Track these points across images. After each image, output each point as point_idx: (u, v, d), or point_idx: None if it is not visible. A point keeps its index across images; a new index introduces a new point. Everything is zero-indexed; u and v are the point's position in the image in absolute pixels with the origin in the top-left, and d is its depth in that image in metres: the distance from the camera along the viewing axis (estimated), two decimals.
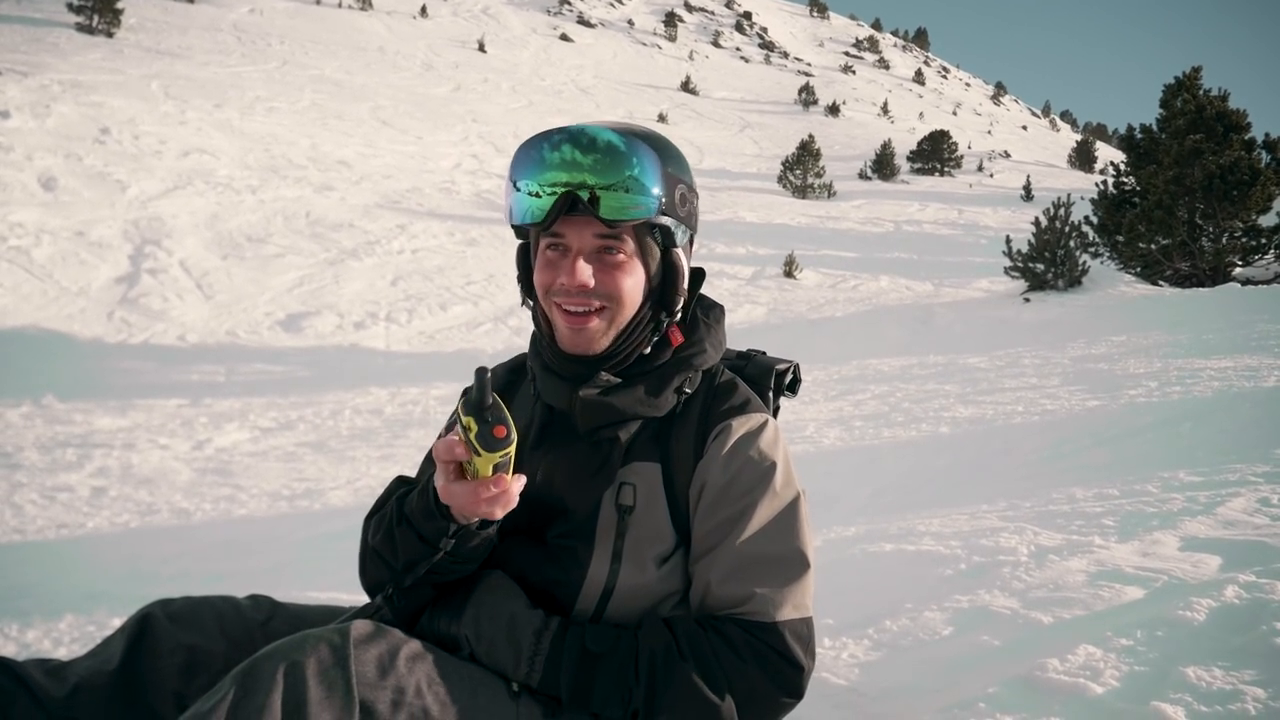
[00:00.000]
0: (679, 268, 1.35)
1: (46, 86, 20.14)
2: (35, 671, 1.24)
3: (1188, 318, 9.66)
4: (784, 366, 1.52)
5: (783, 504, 1.29)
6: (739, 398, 1.37)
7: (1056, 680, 1.79)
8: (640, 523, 1.29)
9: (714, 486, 1.29)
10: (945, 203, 27.20)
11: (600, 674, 1.18)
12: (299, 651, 1.03)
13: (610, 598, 1.27)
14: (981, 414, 5.91)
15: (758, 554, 1.25)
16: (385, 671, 1.07)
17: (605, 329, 1.30)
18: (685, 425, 1.34)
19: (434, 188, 19.93)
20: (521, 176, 1.27)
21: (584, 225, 1.27)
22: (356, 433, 7.15)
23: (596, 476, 1.29)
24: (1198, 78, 16.00)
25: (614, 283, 1.29)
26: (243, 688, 1.00)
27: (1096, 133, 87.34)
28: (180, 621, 1.30)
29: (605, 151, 1.24)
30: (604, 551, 1.27)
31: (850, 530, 3.41)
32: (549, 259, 1.30)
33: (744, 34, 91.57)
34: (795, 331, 11.89)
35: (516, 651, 1.19)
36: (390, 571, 1.26)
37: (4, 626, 2.98)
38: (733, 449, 1.30)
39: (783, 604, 1.23)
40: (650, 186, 1.26)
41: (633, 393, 1.31)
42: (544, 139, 1.27)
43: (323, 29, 48.29)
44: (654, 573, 1.29)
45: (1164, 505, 3.06)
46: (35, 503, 4.92)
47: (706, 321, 1.41)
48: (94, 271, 11.79)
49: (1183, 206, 13.71)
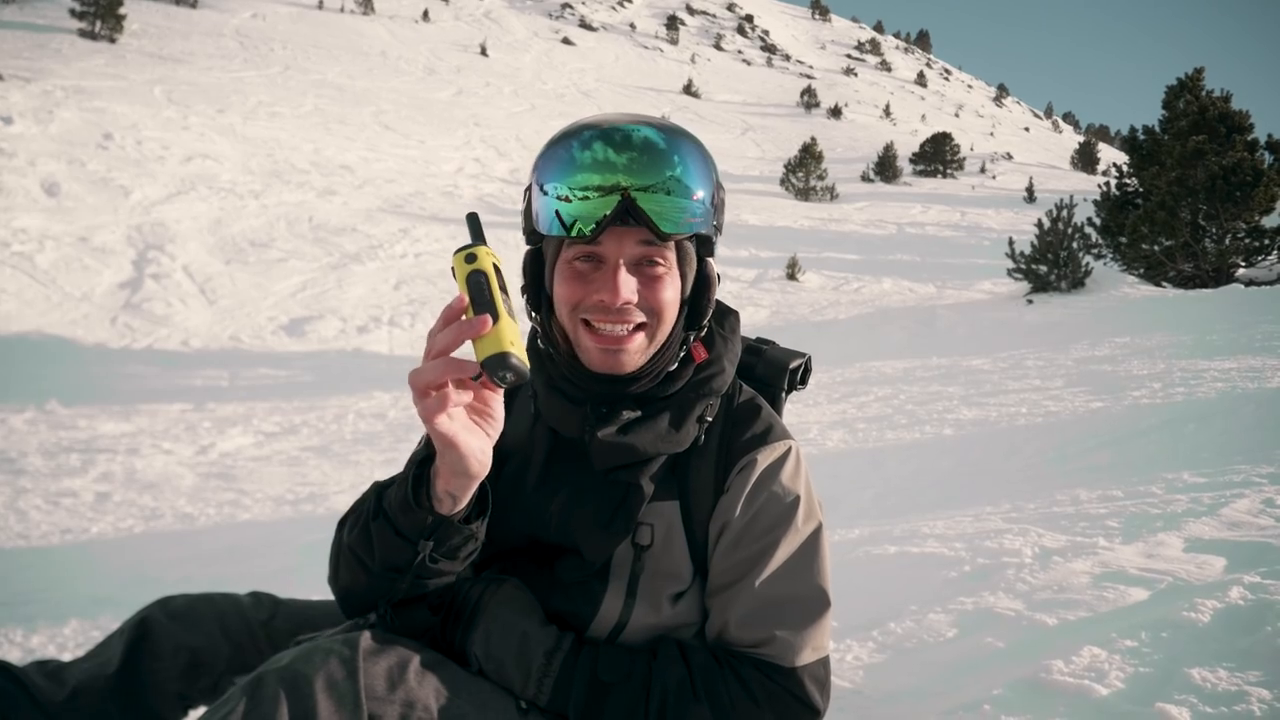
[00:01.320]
0: (712, 279, 1.26)
1: (49, 92, 20.20)
2: (35, 674, 1.23)
3: (1191, 319, 9.64)
4: (796, 364, 1.45)
5: (803, 539, 1.24)
6: (760, 425, 1.29)
7: (1061, 682, 1.78)
8: (657, 560, 1.24)
9: (736, 524, 1.23)
10: (948, 205, 27.21)
11: (610, 705, 1.15)
12: (308, 664, 1.02)
13: (622, 631, 1.24)
14: (985, 416, 5.91)
15: (778, 595, 1.21)
16: (394, 684, 1.06)
17: (644, 347, 1.20)
18: (704, 457, 1.26)
19: (436, 191, 19.96)
20: (551, 179, 1.15)
21: (625, 234, 1.15)
22: (360, 437, 7.15)
23: (613, 524, 1.21)
24: (1200, 79, 16.00)
25: (657, 297, 1.18)
26: (252, 700, 0.99)
27: (1099, 134, 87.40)
28: (181, 621, 1.29)
29: (643, 148, 1.13)
30: (618, 589, 1.23)
31: (854, 533, 3.41)
32: (578, 271, 1.18)
33: (746, 37, 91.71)
34: (798, 334, 11.88)
35: (525, 671, 1.16)
36: (366, 574, 1.14)
37: (9, 632, 2.99)
38: (756, 484, 1.24)
39: (802, 648, 1.19)
40: (694, 189, 1.16)
41: (654, 428, 1.22)
42: (574, 136, 1.16)
43: (325, 34, 48.41)
44: (668, 610, 1.25)
45: (1168, 507, 3.06)
46: (39, 508, 4.92)
47: (722, 333, 1.32)
48: (97, 277, 11.82)
49: (1186, 208, 13.70)
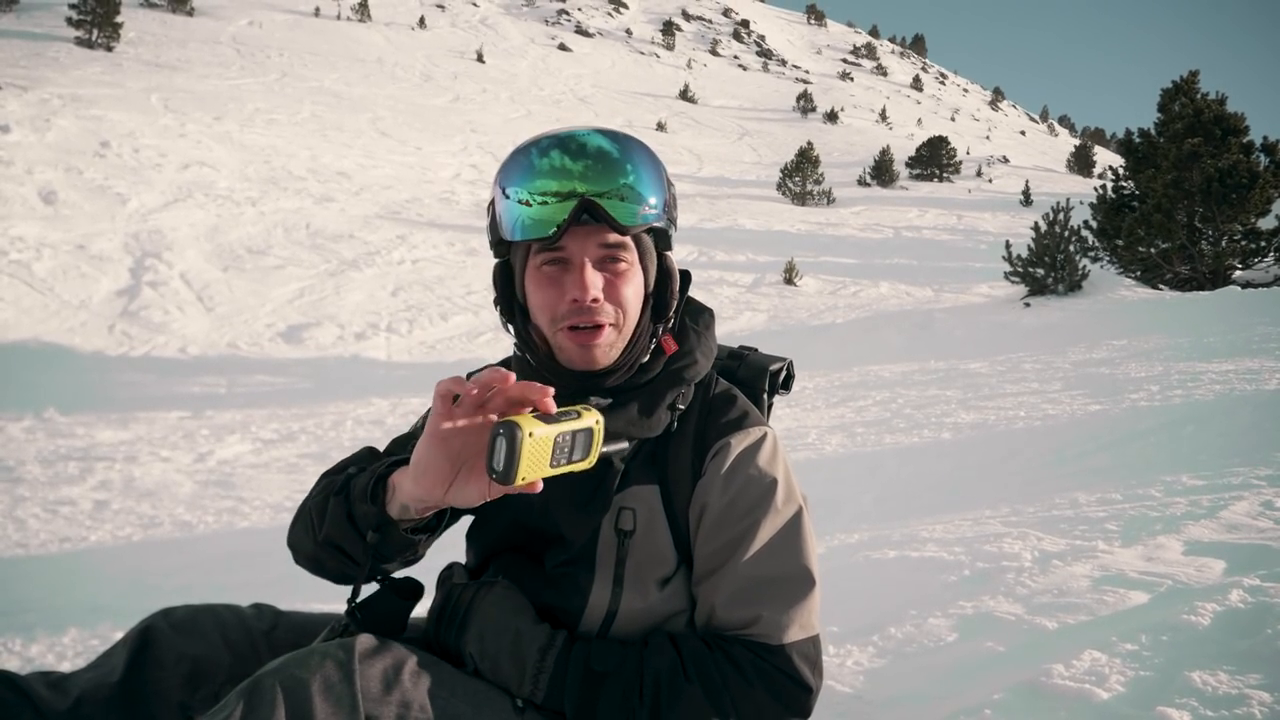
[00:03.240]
0: (672, 272, 1.32)
1: (46, 100, 20.20)
2: (38, 684, 1.23)
3: (1188, 321, 9.65)
4: (777, 366, 1.48)
5: (784, 520, 1.26)
6: (736, 411, 1.33)
7: (1062, 686, 1.78)
8: (641, 547, 1.26)
9: (715, 507, 1.26)
10: (944, 208, 27.26)
11: (605, 694, 1.17)
12: (304, 667, 1.03)
13: (613, 621, 1.26)
14: (983, 419, 5.91)
15: (762, 575, 1.23)
16: (390, 686, 1.07)
17: (614, 340, 1.25)
18: (681, 444, 1.30)
19: (433, 198, 19.98)
20: (513, 184, 1.21)
21: (587, 234, 1.21)
22: (358, 443, 7.10)
23: (592, 504, 1.25)
24: (1195, 81, 16.04)
25: (620, 293, 1.23)
26: (248, 704, 0.99)
27: (1095, 137, 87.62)
28: (183, 630, 1.29)
29: (597, 157, 1.20)
30: (605, 577, 1.25)
31: (853, 537, 3.41)
32: (549, 275, 1.23)
33: (742, 42, 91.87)
34: (796, 338, 11.89)
35: (520, 668, 1.18)
36: (311, 541, 1.24)
37: (8, 641, 2.98)
38: (732, 467, 1.27)
39: (789, 625, 1.21)
40: (647, 192, 1.22)
41: (625, 414, 1.25)
42: (533, 144, 1.22)
43: (321, 41, 48.46)
44: (656, 595, 1.27)
45: (1167, 509, 3.06)
46: (38, 516, 4.91)
47: (695, 329, 1.36)
48: (95, 285, 11.81)
49: (1182, 210, 13.73)
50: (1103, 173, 39.81)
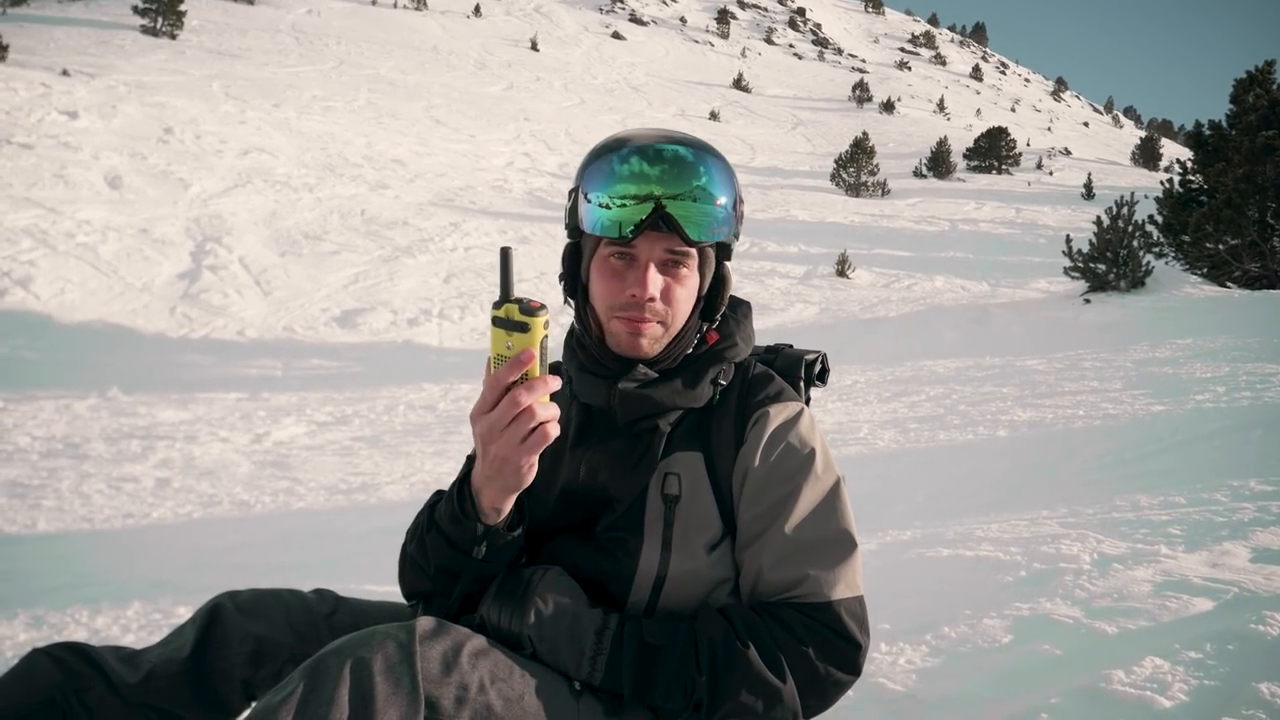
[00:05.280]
0: (727, 280, 1.39)
1: (113, 87, 20.74)
2: (110, 658, 1.28)
3: (1257, 320, 9.35)
4: (812, 357, 1.54)
5: (825, 488, 1.31)
6: (774, 387, 1.39)
7: (1122, 692, 1.74)
8: (687, 511, 1.30)
9: (757, 473, 1.31)
10: (1002, 201, 26.71)
11: (661, 666, 1.20)
12: (365, 647, 1.05)
13: (663, 586, 1.29)
14: (1040, 418, 5.80)
15: (806, 538, 1.27)
16: (449, 668, 1.09)
17: (661, 335, 1.33)
18: (724, 414, 1.36)
19: (486, 186, 20.12)
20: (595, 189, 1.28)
21: (657, 238, 1.28)
22: (410, 428, 7.24)
23: (639, 466, 1.32)
24: (1271, 72, 15.48)
25: (674, 295, 1.32)
26: (311, 682, 1.02)
27: (1161, 129, 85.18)
28: (248, 612, 1.34)
29: (673, 161, 1.27)
30: (654, 541, 1.29)
31: (906, 534, 3.37)
32: (614, 268, 1.32)
33: (797, 30, 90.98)
34: (848, 331, 11.77)
35: (579, 652, 1.20)
36: (426, 579, 1.28)
37: (75, 613, 3.08)
38: (772, 436, 1.33)
39: (836, 583, 1.25)
40: (718, 195, 1.29)
41: (670, 385, 1.33)
42: (614, 150, 1.29)
43: (378, 29, 49.04)
44: (704, 559, 1.30)
45: (1234, 515, 2.97)
46: (102, 492, 5.07)
47: (735, 317, 1.44)
48: (157, 268, 12.12)
49: (1253, 205, 13.30)
50: (1169, 166, 38.71)
